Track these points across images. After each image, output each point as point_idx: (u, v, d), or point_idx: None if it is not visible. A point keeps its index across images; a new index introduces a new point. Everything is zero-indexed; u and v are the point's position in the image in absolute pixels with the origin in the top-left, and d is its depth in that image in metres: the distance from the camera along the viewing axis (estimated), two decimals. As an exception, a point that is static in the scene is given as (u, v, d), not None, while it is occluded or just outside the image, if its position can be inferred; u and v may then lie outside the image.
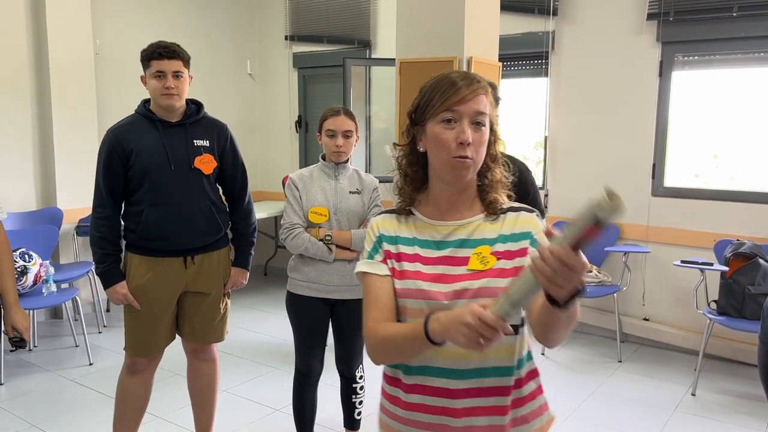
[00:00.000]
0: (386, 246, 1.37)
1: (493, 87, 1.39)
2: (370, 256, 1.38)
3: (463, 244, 1.32)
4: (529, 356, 1.39)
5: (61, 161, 4.74)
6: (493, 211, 1.35)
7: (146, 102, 2.59)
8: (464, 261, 1.30)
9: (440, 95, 1.28)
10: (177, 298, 2.62)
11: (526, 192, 2.31)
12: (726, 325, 3.64)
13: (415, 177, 1.38)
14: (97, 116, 4.92)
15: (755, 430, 3.28)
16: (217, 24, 6.13)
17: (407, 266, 1.33)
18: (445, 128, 1.27)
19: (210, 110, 2.70)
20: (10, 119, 4.62)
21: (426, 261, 1.33)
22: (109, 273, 2.53)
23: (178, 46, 2.52)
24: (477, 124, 1.28)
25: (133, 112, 2.60)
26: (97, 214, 2.52)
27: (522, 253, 1.31)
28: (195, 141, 2.56)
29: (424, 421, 1.33)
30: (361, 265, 1.38)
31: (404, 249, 1.35)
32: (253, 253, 2.81)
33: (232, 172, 2.70)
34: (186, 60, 2.53)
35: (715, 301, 3.83)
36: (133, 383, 2.65)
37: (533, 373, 1.39)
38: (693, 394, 3.69)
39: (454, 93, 1.27)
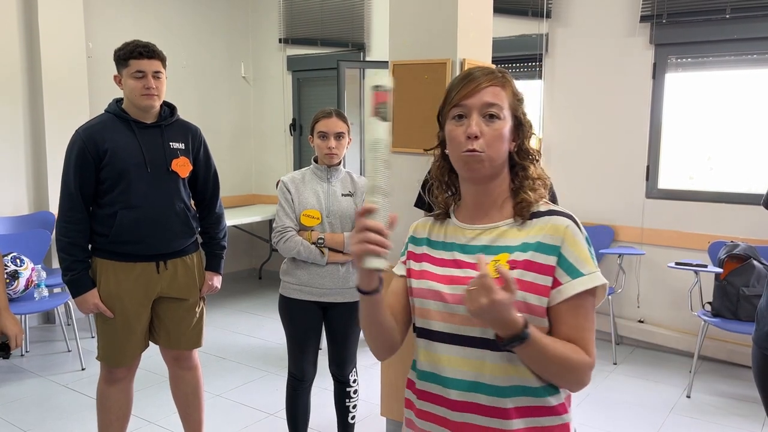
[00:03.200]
0: (411, 247, 1.38)
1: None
2: (401, 256, 1.41)
3: (484, 250, 1.25)
4: (527, 391, 1.20)
5: (53, 165, 4.70)
6: (520, 214, 1.26)
7: (118, 101, 2.51)
8: (477, 266, 1.20)
9: (452, 92, 1.25)
10: (151, 304, 2.55)
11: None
12: (720, 326, 3.64)
13: (448, 182, 1.34)
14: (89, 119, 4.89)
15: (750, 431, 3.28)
16: (211, 27, 6.12)
17: (426, 267, 1.32)
18: (456, 125, 1.23)
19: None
20: (2, 123, 4.60)
21: (437, 262, 1.30)
22: (80, 281, 2.41)
23: (154, 45, 2.45)
24: (490, 117, 1.22)
25: (103, 111, 2.52)
26: (66, 219, 2.39)
27: (546, 270, 1.18)
28: (171, 143, 2.51)
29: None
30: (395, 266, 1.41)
31: (428, 251, 1.34)
32: (224, 257, 2.78)
33: (204, 176, 2.66)
34: (164, 60, 2.47)
35: (709, 302, 3.82)
36: (113, 392, 2.58)
37: (527, 411, 1.21)
38: (688, 396, 3.68)
39: (463, 87, 1.23)
